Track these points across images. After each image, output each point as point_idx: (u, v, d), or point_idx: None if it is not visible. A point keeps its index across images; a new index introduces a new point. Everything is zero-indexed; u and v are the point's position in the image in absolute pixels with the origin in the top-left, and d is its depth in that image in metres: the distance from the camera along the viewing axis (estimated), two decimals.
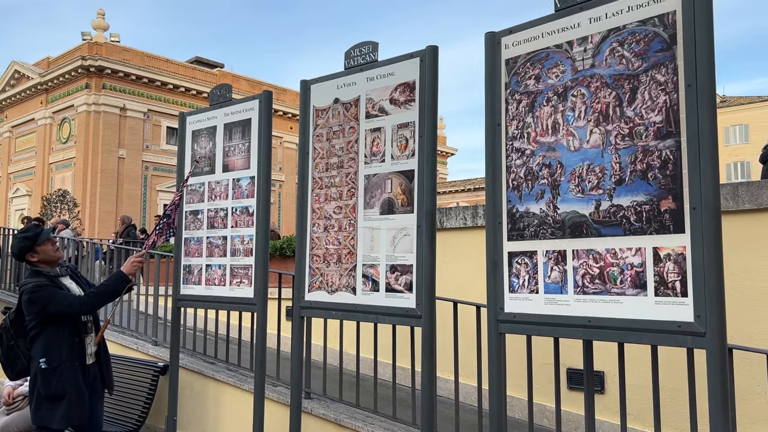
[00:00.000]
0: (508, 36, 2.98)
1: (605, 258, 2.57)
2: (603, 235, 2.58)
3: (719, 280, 2.25)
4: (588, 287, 2.62)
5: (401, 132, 3.43)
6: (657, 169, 2.44)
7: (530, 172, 2.84)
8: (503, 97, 2.96)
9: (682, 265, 2.35)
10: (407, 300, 3.29)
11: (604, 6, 2.64)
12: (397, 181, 3.41)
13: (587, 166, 2.65)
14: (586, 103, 2.67)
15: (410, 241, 3.31)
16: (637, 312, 2.46)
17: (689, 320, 2.31)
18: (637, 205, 2.49)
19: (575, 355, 4.71)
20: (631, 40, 2.55)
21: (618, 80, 2.58)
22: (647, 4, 2.51)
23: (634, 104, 2.52)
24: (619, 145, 2.56)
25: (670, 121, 2.42)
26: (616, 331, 2.54)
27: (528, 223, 2.83)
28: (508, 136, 2.93)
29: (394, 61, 3.49)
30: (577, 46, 2.72)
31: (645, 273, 2.45)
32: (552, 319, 2.72)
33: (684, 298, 2.33)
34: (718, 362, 2.22)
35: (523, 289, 2.83)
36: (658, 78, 2.46)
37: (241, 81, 32.49)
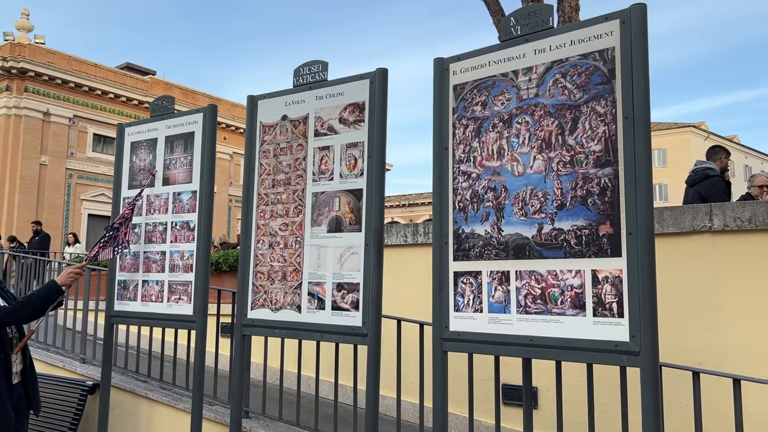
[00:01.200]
0: (456, 63, 3.08)
1: (547, 279, 2.68)
2: (545, 257, 2.70)
3: (653, 301, 2.40)
4: (530, 307, 2.72)
5: (350, 151, 3.47)
6: (596, 195, 2.58)
7: (476, 194, 2.93)
8: (451, 121, 3.06)
9: (618, 287, 2.49)
10: (353, 318, 3.31)
11: (548, 39, 2.78)
12: (345, 200, 3.44)
13: (530, 190, 2.77)
14: (530, 131, 2.79)
15: (358, 260, 3.34)
16: (576, 331, 2.57)
17: (625, 340, 2.44)
18: (577, 229, 2.62)
19: (510, 372, 4.84)
20: (573, 72, 2.69)
21: (560, 110, 2.71)
22: (588, 39, 2.66)
23: (576, 133, 2.66)
24: (560, 172, 2.69)
25: (608, 150, 2.57)
26: (556, 349, 2.64)
27: (473, 244, 2.92)
28: (455, 159, 3.03)
29: (344, 82, 3.53)
30: (522, 75, 2.85)
31: (584, 294, 2.57)
32: (495, 338, 2.80)
33: (620, 319, 2.46)
34: (650, 380, 2.36)
35: (468, 308, 2.91)
36: (597, 109, 2.61)
37: (174, 89, 31.72)
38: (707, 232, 4.46)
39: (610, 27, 2.59)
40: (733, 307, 4.26)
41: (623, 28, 2.55)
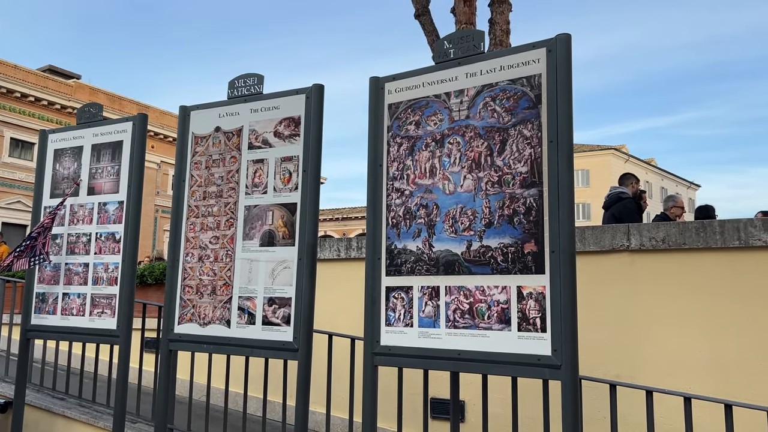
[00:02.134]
0: (391, 82, 3.15)
1: (475, 294, 2.77)
2: (473, 273, 2.79)
3: (573, 317, 2.52)
4: (459, 322, 2.79)
5: (285, 165, 3.47)
6: (522, 214, 2.69)
7: (408, 211, 3.00)
8: (385, 139, 3.12)
9: (542, 303, 2.60)
10: (284, 333, 3.30)
11: (479, 63, 2.90)
12: (278, 213, 3.44)
13: (460, 208, 2.85)
14: (461, 151, 2.88)
15: (290, 274, 3.33)
16: (502, 346, 2.66)
17: (547, 354, 2.55)
18: (504, 246, 2.72)
19: (438, 386, 4.92)
20: (503, 96, 2.81)
21: (490, 132, 2.82)
22: (517, 66, 2.79)
23: (504, 155, 2.77)
24: (489, 191, 2.79)
25: (534, 172, 2.69)
26: (483, 363, 2.73)
27: (405, 260, 2.97)
28: (389, 176, 3.09)
29: (280, 96, 3.54)
30: (455, 97, 2.95)
31: (510, 309, 2.67)
32: (425, 352, 2.86)
33: (543, 333, 2.57)
34: (570, 392, 2.47)
35: (399, 322, 2.96)
36: (524, 133, 2.73)
37: (100, 94, 30.59)
38: (625, 251, 4.70)
39: (538, 55, 2.72)
40: (649, 322, 4.50)
41: (549, 56, 2.68)
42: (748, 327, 3.91)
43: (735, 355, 3.92)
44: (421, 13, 11.22)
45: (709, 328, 4.10)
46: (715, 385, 3.86)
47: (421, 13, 11.22)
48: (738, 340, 3.94)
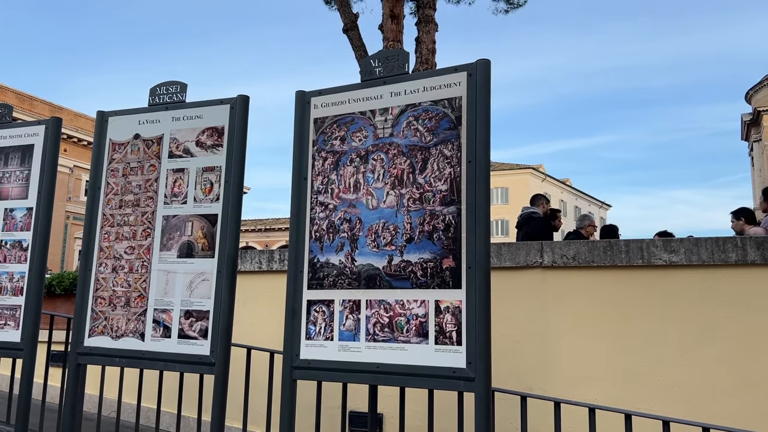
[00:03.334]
0: (317, 97, 3.19)
1: (394, 308, 2.83)
2: (394, 287, 2.84)
3: (487, 330, 2.62)
4: (378, 335, 2.84)
5: (206, 175, 3.42)
6: (441, 231, 2.78)
7: (332, 225, 3.03)
8: (310, 153, 3.14)
9: (458, 316, 2.68)
10: (201, 347, 3.23)
11: (403, 83, 2.98)
12: (198, 224, 3.38)
13: (383, 223, 2.91)
14: (385, 168, 2.95)
15: (209, 287, 3.27)
16: (419, 359, 2.73)
17: (462, 366, 2.63)
18: (424, 261, 2.79)
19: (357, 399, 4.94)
20: (425, 116, 2.90)
21: (412, 150, 2.90)
22: (440, 87, 2.89)
23: (425, 173, 2.86)
24: (410, 208, 2.86)
25: (453, 190, 2.79)
26: (401, 376, 2.78)
27: (327, 273, 3.00)
28: (313, 190, 3.11)
29: (204, 105, 3.50)
30: (379, 115, 3.01)
31: (428, 323, 2.74)
32: (344, 366, 2.89)
33: (459, 347, 2.66)
34: (483, 404, 2.56)
35: (319, 336, 2.97)
36: (445, 152, 2.82)
37: (9, 93, 28.94)
38: (539, 267, 4.90)
39: (459, 78, 2.83)
40: (559, 336, 4.71)
41: (470, 80, 2.80)
42: (649, 341, 4.16)
43: (637, 368, 4.16)
44: (349, 28, 11.35)
45: (614, 341, 4.33)
46: (619, 396, 4.08)
47: (349, 27, 11.34)
48: (640, 353, 4.18)
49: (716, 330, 3.90)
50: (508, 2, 13.87)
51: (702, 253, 4.02)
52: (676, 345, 4.02)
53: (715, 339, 3.89)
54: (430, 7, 11.14)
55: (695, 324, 3.99)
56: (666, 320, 4.12)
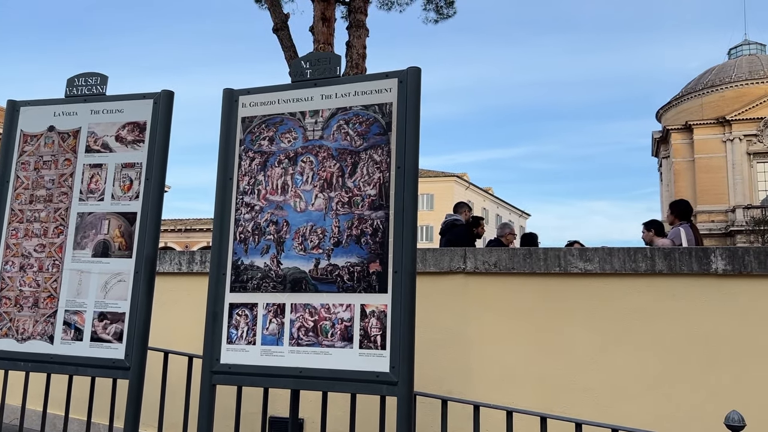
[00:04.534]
0: (246, 96, 3.13)
1: (320, 312, 2.81)
2: (319, 291, 2.82)
3: (411, 335, 2.64)
4: (302, 339, 2.81)
5: (126, 172, 3.28)
6: (369, 235, 2.79)
7: (258, 227, 2.97)
8: (237, 152, 3.08)
9: (383, 321, 2.69)
10: (115, 350, 3.09)
11: (334, 86, 2.97)
12: (116, 223, 3.23)
13: (311, 226, 2.89)
14: (314, 170, 2.93)
15: (125, 288, 3.14)
16: (343, 363, 2.72)
17: (385, 370, 2.64)
18: (351, 265, 2.79)
19: (278, 404, 4.87)
20: (356, 120, 2.90)
21: (342, 154, 2.90)
22: (371, 93, 2.90)
23: (355, 177, 2.86)
24: (339, 211, 2.85)
25: (382, 195, 2.80)
26: (324, 381, 2.76)
27: (251, 276, 2.94)
28: (239, 190, 3.04)
29: (125, 99, 3.36)
30: (310, 117, 2.99)
31: (353, 327, 2.74)
32: (266, 370, 2.84)
33: (383, 351, 2.67)
34: (405, 407, 2.58)
35: (241, 340, 2.91)
36: (375, 157, 2.84)
37: None
38: (462, 273, 5.00)
39: (390, 84, 2.85)
40: (480, 340, 4.81)
41: (400, 86, 2.83)
42: (565, 345, 4.33)
43: (553, 371, 4.31)
44: (279, 28, 11.22)
45: (532, 346, 4.47)
46: (536, 399, 4.21)
47: (279, 27, 11.22)
48: (556, 357, 4.34)
49: (626, 335, 4.10)
50: (438, 12, 14.13)
51: (615, 263, 4.22)
52: (589, 350, 4.20)
53: (624, 344, 4.09)
54: (361, 12, 11.18)
55: (607, 329, 4.18)
56: (581, 326, 4.29)
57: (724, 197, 43.55)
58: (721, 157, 44.21)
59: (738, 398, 3.65)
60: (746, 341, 3.76)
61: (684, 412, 3.78)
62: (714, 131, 44.66)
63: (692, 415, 3.73)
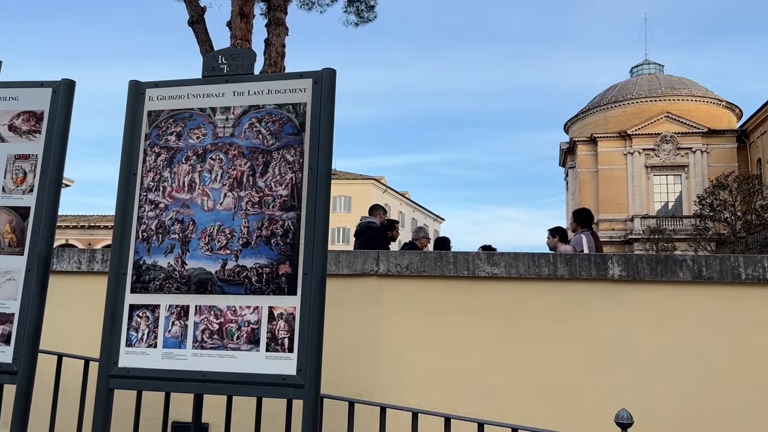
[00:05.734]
0: (153, 89, 3.01)
1: (225, 315, 2.73)
2: (226, 293, 2.75)
3: (320, 337, 2.62)
4: (206, 342, 2.73)
5: (19, 163, 3.07)
6: (279, 236, 2.74)
7: (162, 225, 2.86)
8: (142, 147, 2.95)
9: (291, 323, 2.66)
10: (2, 354, 2.88)
11: (247, 83, 2.91)
12: (6, 217, 3.02)
13: (218, 226, 2.81)
14: (223, 168, 2.85)
15: (15, 287, 2.93)
16: (249, 366, 2.66)
17: (292, 373, 2.61)
18: (260, 267, 2.74)
19: (181, 408, 4.72)
20: (269, 119, 2.85)
21: (254, 153, 2.84)
22: (284, 92, 2.86)
23: (266, 176, 2.81)
24: (249, 211, 2.79)
25: (294, 196, 2.77)
26: (229, 384, 2.69)
27: (154, 276, 2.82)
28: (143, 187, 2.92)
29: (21, 86, 3.14)
30: (220, 114, 2.91)
31: (260, 330, 2.69)
32: (168, 374, 2.73)
33: (290, 354, 2.63)
34: (311, 410, 2.56)
35: (141, 343, 2.79)
36: (287, 157, 2.80)
37: None
38: (374, 275, 5.03)
39: (304, 84, 2.83)
40: (392, 342, 4.86)
41: (315, 87, 2.81)
42: (472, 347, 4.44)
43: (460, 373, 4.41)
44: (195, 21, 10.90)
45: (441, 348, 4.56)
46: (443, 400, 4.29)
47: (195, 20, 10.90)
48: (464, 359, 4.44)
49: (530, 338, 4.26)
50: (359, 16, 14.19)
51: (520, 267, 4.38)
52: (495, 351, 4.33)
53: (528, 346, 4.24)
54: (281, 10, 11.05)
55: (512, 332, 4.32)
56: (487, 328, 4.41)
57: (624, 207, 46.27)
58: (622, 168, 46.93)
59: (630, 397, 3.88)
60: (639, 343, 4.00)
61: (581, 411, 3.97)
62: (616, 144, 47.35)
63: (588, 413, 3.93)
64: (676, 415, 3.86)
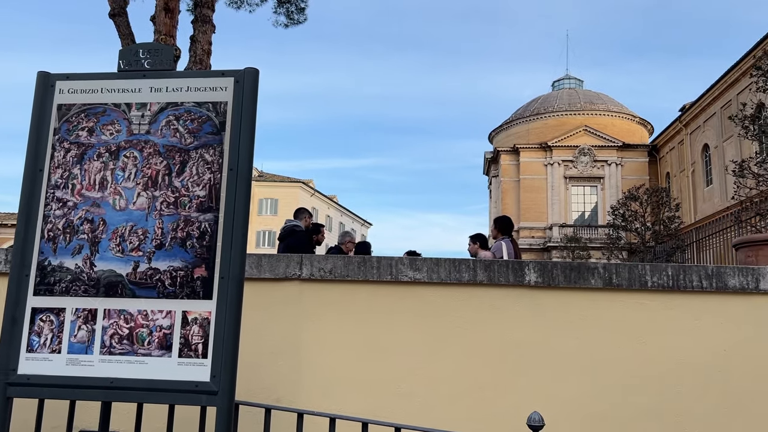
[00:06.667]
0: (64, 81, 2.86)
1: (136, 319, 2.62)
2: (137, 296, 2.64)
3: (235, 343, 2.56)
4: (115, 348, 2.61)
5: None
6: (195, 238, 2.66)
7: (70, 224, 2.72)
8: (50, 142, 2.80)
9: (206, 328, 2.58)
10: None
11: (166, 80, 2.81)
12: None
13: (131, 227, 2.70)
14: (138, 167, 2.74)
15: None
16: (160, 373, 2.57)
17: (206, 380, 2.53)
18: (174, 270, 2.64)
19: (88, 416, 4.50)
20: (187, 117, 2.77)
21: (170, 151, 2.74)
22: (205, 90, 2.78)
23: (183, 176, 2.72)
24: (164, 212, 2.70)
25: (212, 197, 2.69)
26: (138, 391, 2.58)
27: (60, 278, 2.68)
28: (50, 184, 2.76)
29: None
30: (136, 110, 2.80)
31: (172, 335, 2.59)
32: (73, 381, 2.59)
33: (204, 360, 2.55)
34: (225, 418, 2.49)
35: (44, 348, 2.63)
36: (206, 157, 2.72)
37: None
38: (297, 280, 4.97)
39: (226, 83, 2.76)
40: (314, 347, 4.81)
41: (237, 86, 2.75)
42: (393, 352, 4.46)
43: (382, 377, 4.42)
44: (116, 13, 10.48)
45: (363, 352, 4.56)
46: (364, 405, 4.29)
47: (117, 12, 10.48)
48: (385, 363, 4.46)
49: (450, 342, 4.32)
50: (288, 17, 14.06)
51: (441, 272, 4.44)
52: (416, 356, 4.37)
53: (448, 350, 4.31)
54: (208, 6, 10.80)
55: (433, 337, 4.38)
56: (409, 333, 4.45)
57: (544, 215, 47.99)
58: (543, 179, 48.67)
59: (544, 399, 4.01)
60: (553, 347, 4.14)
61: (496, 414, 4.06)
62: (537, 155, 49.07)
63: (503, 416, 4.03)
64: (586, 416, 4.02)
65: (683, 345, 4.08)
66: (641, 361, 4.07)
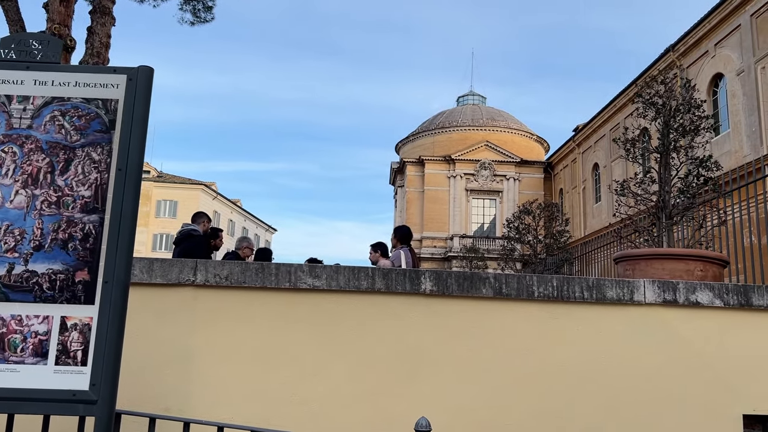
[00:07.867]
0: None
1: (9, 324, 2.46)
2: (11, 300, 2.48)
3: (118, 350, 2.46)
4: None
5: None
6: (78, 240, 2.54)
7: None
8: None
9: (86, 335, 2.46)
10: None
11: (52, 73, 2.67)
12: None
13: (6, 226, 2.53)
14: (17, 163, 2.58)
15: None
16: (34, 381, 2.42)
17: (84, 389, 2.41)
18: (53, 273, 2.51)
19: None
20: (74, 113, 2.64)
21: (54, 148, 2.60)
22: (94, 86, 2.67)
23: (67, 175, 2.59)
24: (44, 212, 2.55)
25: (98, 198, 2.58)
26: (9, 401, 2.42)
27: None
28: None
29: None
30: (17, 103, 2.64)
31: (49, 342, 2.45)
32: None
33: (83, 367, 2.43)
34: (104, 427, 2.38)
35: None
36: (93, 156, 2.60)
37: None
38: (191, 285, 4.83)
39: (118, 80, 2.66)
40: (207, 355, 4.68)
41: (129, 84, 2.65)
42: (289, 359, 4.43)
43: (276, 386, 4.38)
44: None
45: (258, 360, 4.49)
46: (256, 414, 4.23)
47: None
48: (280, 371, 4.42)
49: (347, 349, 4.35)
50: (195, 15, 13.69)
51: (340, 280, 4.47)
52: (312, 363, 4.37)
53: (345, 357, 4.34)
54: None
55: (330, 343, 4.39)
56: (306, 340, 4.44)
57: (446, 226, 49.31)
58: (446, 190, 50.04)
59: (436, 405, 4.12)
60: (446, 354, 4.27)
61: (389, 420, 4.13)
62: (441, 167, 50.41)
63: (395, 422, 4.10)
64: (476, 421, 4.17)
65: (565, 352, 4.33)
66: (528, 368, 4.28)
